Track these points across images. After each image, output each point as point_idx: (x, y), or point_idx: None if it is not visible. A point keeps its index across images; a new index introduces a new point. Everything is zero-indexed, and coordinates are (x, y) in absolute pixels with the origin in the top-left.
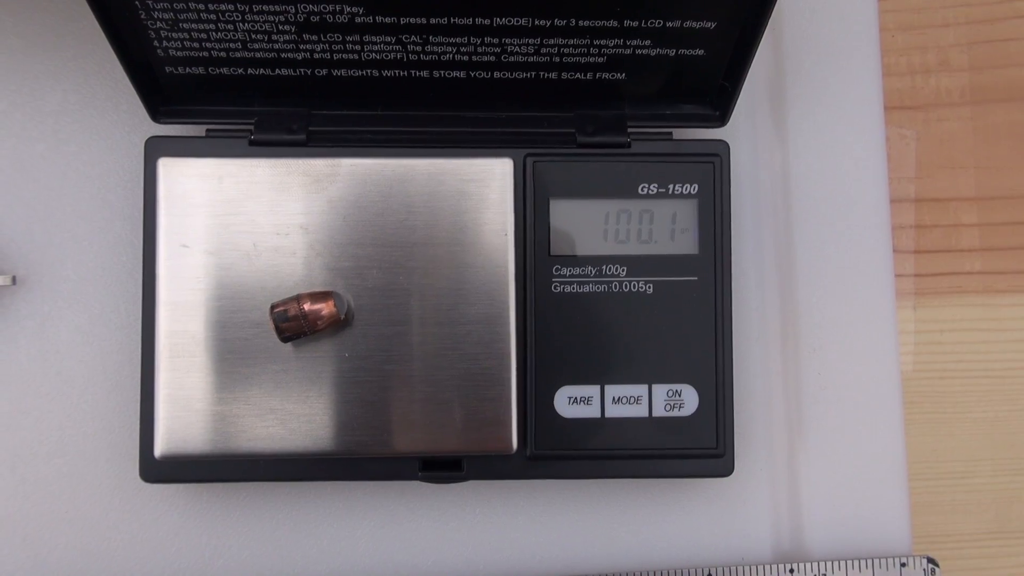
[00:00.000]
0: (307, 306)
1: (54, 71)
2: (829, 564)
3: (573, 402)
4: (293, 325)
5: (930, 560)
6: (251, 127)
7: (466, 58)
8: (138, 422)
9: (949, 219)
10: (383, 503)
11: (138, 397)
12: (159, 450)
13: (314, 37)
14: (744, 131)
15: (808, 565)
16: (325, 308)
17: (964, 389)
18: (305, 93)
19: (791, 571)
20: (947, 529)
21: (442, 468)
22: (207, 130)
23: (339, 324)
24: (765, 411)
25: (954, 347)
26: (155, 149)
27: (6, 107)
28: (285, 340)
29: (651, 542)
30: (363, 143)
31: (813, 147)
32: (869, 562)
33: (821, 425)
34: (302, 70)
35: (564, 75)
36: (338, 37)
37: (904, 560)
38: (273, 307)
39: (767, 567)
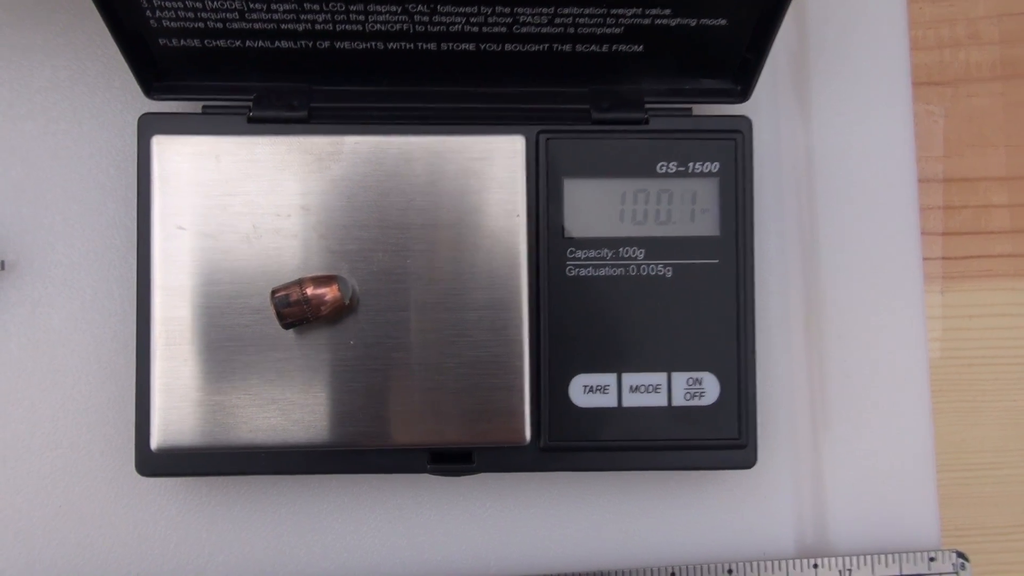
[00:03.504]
0: (310, 291)
1: (43, 46)
2: (854, 559)
3: (589, 391)
4: (295, 311)
5: (959, 554)
6: (249, 103)
7: (476, 29)
8: (133, 413)
9: (978, 200)
10: (390, 497)
11: (133, 387)
12: (155, 442)
13: (315, 7)
14: (765, 107)
15: (832, 560)
16: (329, 293)
17: (993, 377)
18: (306, 67)
19: (815, 566)
20: (976, 522)
21: (452, 460)
22: (203, 106)
23: (343, 310)
24: (788, 400)
25: (983, 333)
26: (149, 126)
27: None
28: (287, 327)
29: (669, 536)
30: (367, 120)
31: (838, 124)
32: (896, 557)
33: (846, 414)
34: (303, 43)
35: (578, 47)
36: (341, 7)
37: (933, 554)
38: (274, 292)
39: (790, 562)
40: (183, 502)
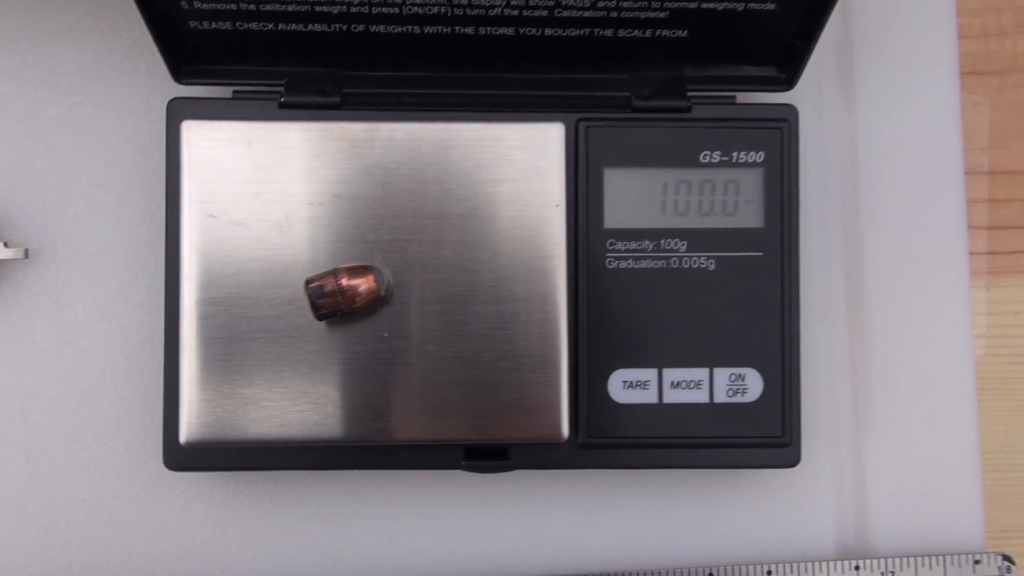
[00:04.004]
0: (345, 281)
1: (67, 28)
2: (897, 561)
3: (628, 386)
4: (330, 301)
5: (1005, 557)
6: (281, 89)
7: (515, 13)
8: (161, 406)
9: None
10: (423, 494)
11: (161, 379)
12: (184, 436)
13: None
14: (809, 96)
15: (875, 562)
16: (364, 283)
17: None
18: (340, 52)
19: (856, 568)
20: (1022, 524)
21: (487, 456)
22: (234, 91)
23: (378, 301)
24: (829, 397)
25: None
26: (178, 111)
27: (16, 67)
28: (321, 318)
29: (708, 536)
30: (402, 106)
31: (883, 115)
32: (940, 559)
33: (888, 412)
34: (337, 26)
35: (621, 32)
36: None
37: (978, 557)
38: (308, 282)
39: (830, 564)
40: (211, 497)
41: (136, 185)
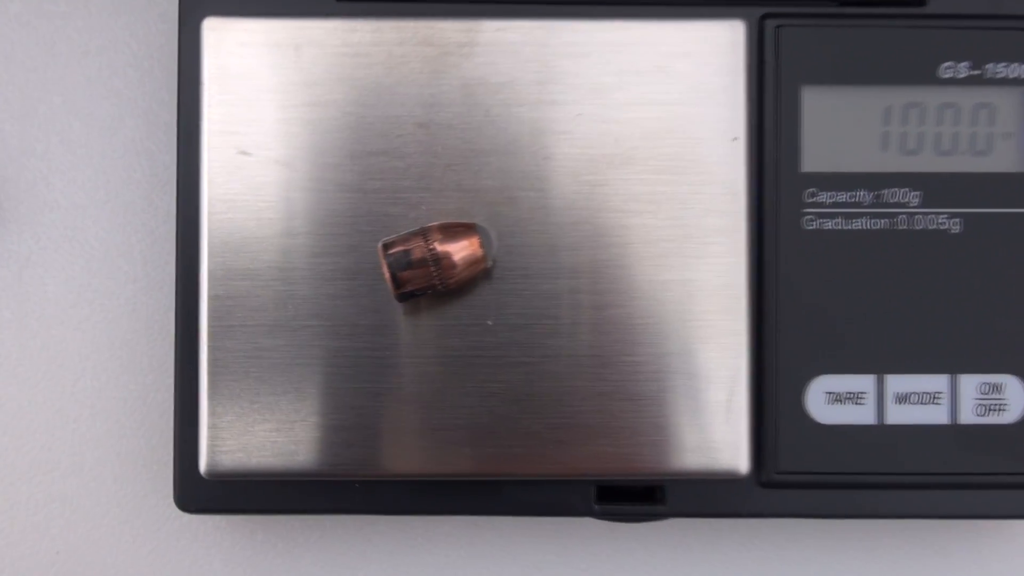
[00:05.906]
0: (439, 245)
1: None
2: None
3: (835, 400)
4: (419, 274)
5: None
6: None
7: None
8: (170, 423)
9: None
10: (536, 550)
11: (169, 385)
12: (205, 465)
13: None
14: None
15: None
16: (464, 249)
17: None
18: None
19: None
20: None
21: (630, 499)
22: None
23: (481, 274)
24: None
25: None
26: (195, 5)
27: None
28: (403, 298)
29: None
30: None
31: None
32: None
33: None
34: None
35: None
36: None
37: None
38: (387, 247)
39: None
40: (237, 549)
41: (130, 111)
